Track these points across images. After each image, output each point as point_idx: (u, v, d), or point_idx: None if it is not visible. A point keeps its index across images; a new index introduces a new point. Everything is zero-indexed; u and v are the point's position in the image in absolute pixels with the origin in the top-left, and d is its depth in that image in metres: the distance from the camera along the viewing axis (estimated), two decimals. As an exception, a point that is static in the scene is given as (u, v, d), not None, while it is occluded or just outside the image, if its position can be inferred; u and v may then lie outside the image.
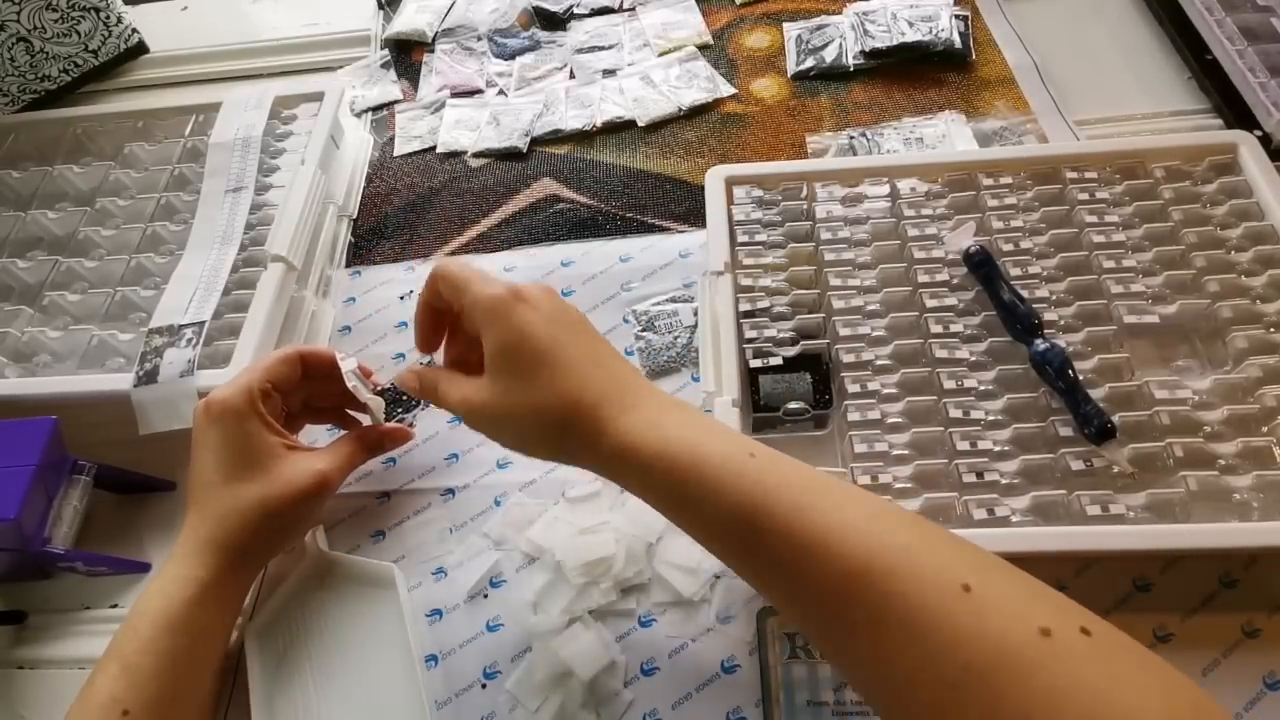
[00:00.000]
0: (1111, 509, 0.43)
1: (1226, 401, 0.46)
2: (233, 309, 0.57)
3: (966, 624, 0.29)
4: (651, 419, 0.37)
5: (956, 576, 0.30)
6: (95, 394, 0.53)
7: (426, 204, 0.69)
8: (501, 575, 0.49)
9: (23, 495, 0.45)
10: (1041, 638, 0.28)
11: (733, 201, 0.58)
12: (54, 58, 0.79)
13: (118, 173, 0.67)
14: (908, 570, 0.30)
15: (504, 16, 0.83)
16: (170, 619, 0.41)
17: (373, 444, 0.51)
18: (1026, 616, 0.29)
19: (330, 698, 0.44)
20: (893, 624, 0.30)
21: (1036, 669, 0.28)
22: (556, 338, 0.38)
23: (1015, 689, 0.27)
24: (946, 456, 0.46)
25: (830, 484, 0.34)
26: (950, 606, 0.29)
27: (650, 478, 0.36)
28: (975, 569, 0.31)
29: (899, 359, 0.50)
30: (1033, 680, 0.27)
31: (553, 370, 0.38)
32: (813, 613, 0.33)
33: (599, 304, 0.60)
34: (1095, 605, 0.43)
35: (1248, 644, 0.42)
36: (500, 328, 0.39)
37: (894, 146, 0.66)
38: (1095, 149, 0.58)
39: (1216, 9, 0.67)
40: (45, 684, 0.48)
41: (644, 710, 0.43)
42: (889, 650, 0.30)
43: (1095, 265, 0.52)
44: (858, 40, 0.74)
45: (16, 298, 0.61)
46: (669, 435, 0.36)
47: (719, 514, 0.34)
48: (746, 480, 0.34)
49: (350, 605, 0.47)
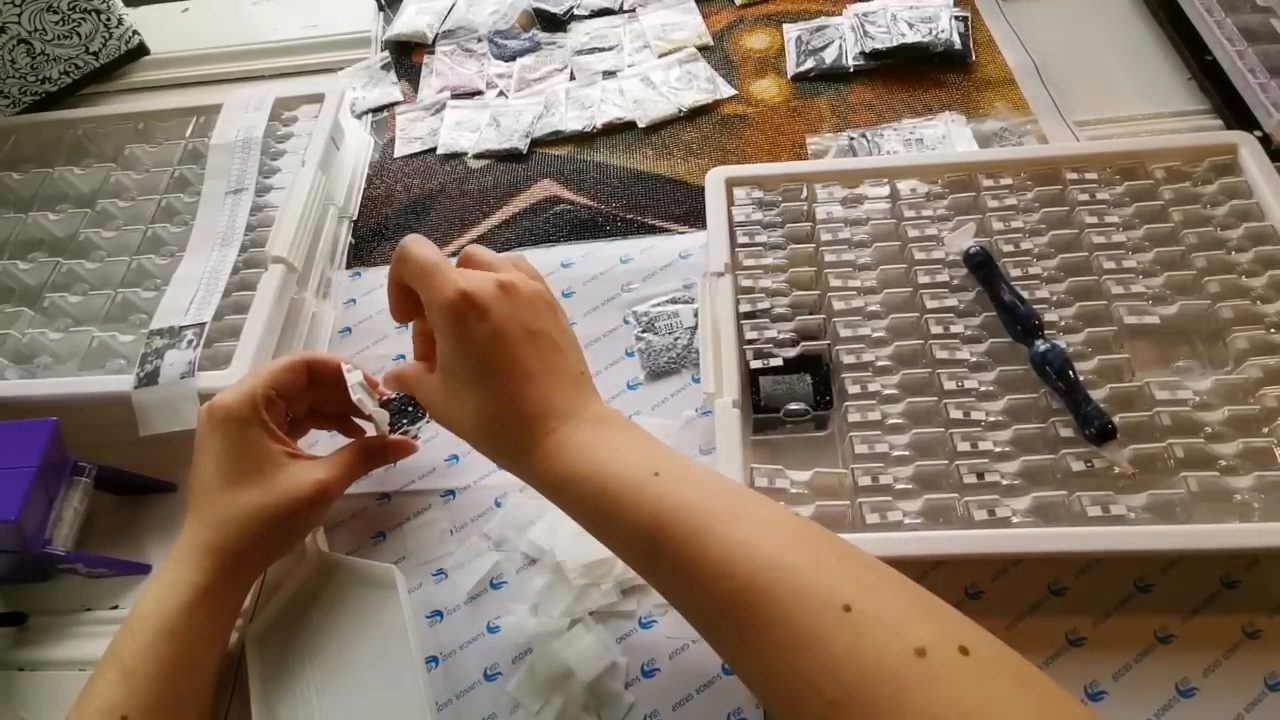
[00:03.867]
0: (1112, 510, 0.43)
1: (1227, 402, 0.46)
2: (233, 310, 0.57)
3: (844, 644, 0.29)
4: (573, 439, 0.38)
5: (839, 596, 0.30)
6: (96, 395, 0.53)
7: (427, 205, 0.69)
8: (502, 576, 0.49)
9: (23, 496, 0.45)
10: (916, 658, 0.28)
11: (733, 203, 0.58)
12: (55, 59, 0.79)
13: (118, 174, 0.67)
14: (789, 590, 0.31)
15: (504, 18, 0.83)
16: (168, 624, 0.40)
17: (375, 455, 0.51)
18: (904, 636, 0.29)
19: (331, 699, 0.44)
20: (776, 643, 0.31)
21: (910, 688, 0.28)
22: (499, 353, 0.39)
23: (889, 709, 0.28)
24: (947, 457, 0.46)
25: (730, 501, 0.35)
26: (828, 627, 0.30)
27: (565, 498, 0.38)
28: (861, 588, 0.31)
29: (899, 360, 0.50)
30: (906, 699, 0.28)
31: (490, 384, 0.39)
32: (708, 629, 0.34)
33: (599, 305, 0.60)
34: (1096, 606, 0.44)
35: (1249, 645, 0.42)
36: (448, 335, 0.39)
37: (894, 147, 0.66)
38: (1095, 150, 0.58)
39: (1216, 10, 0.67)
40: (46, 685, 0.48)
41: (645, 711, 0.43)
42: (773, 668, 0.31)
43: (1096, 266, 0.52)
44: (858, 41, 0.74)
45: (17, 299, 0.61)
46: (582, 457, 0.37)
47: (624, 532, 0.36)
48: (646, 501, 0.35)
49: (351, 607, 0.47)
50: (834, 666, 0.29)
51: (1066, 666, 0.42)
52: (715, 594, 0.32)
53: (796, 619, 0.30)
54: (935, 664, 0.28)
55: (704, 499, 0.35)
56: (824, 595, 0.31)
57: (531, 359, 0.39)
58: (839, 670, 0.29)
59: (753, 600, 0.31)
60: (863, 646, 0.29)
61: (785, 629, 0.30)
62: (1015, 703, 0.28)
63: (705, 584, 0.33)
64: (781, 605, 0.31)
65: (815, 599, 0.31)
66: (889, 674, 0.28)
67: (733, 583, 0.32)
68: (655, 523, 0.34)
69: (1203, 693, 0.41)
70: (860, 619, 0.30)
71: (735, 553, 0.32)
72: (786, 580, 0.31)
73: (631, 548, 0.36)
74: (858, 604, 0.30)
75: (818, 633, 0.30)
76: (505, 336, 0.39)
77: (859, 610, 0.30)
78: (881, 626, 0.30)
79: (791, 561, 0.32)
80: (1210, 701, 0.41)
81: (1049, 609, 0.44)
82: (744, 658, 0.32)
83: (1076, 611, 0.44)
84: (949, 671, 0.28)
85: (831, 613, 0.30)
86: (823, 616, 0.30)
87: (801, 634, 0.30)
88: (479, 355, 0.39)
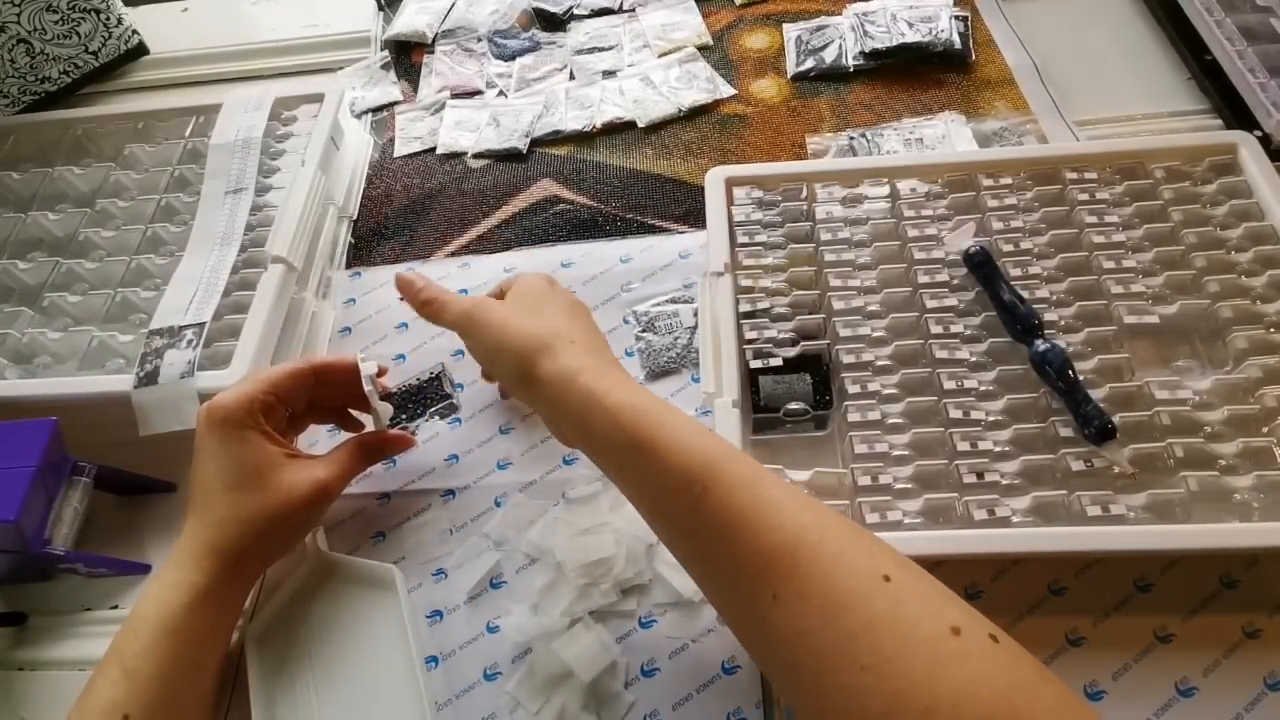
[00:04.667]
0: (1112, 509, 0.43)
1: (1227, 402, 0.46)
2: (233, 310, 0.57)
3: (883, 610, 0.30)
4: (625, 380, 0.40)
5: (878, 566, 0.31)
6: (95, 395, 0.53)
7: (427, 205, 0.69)
8: (502, 576, 0.49)
9: (23, 496, 0.45)
10: (952, 635, 0.29)
11: (733, 202, 0.58)
12: (54, 59, 0.79)
13: (118, 174, 0.67)
14: (835, 552, 0.32)
15: (504, 17, 0.83)
16: (169, 623, 0.41)
17: (373, 450, 0.51)
18: (940, 613, 0.30)
19: (331, 699, 0.44)
20: (814, 599, 0.31)
21: (945, 661, 0.29)
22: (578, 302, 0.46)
23: (923, 678, 0.28)
24: (947, 457, 0.46)
25: (773, 474, 0.36)
26: (871, 591, 0.30)
27: (614, 420, 0.38)
28: (896, 564, 0.32)
29: (899, 360, 0.50)
30: (940, 672, 0.28)
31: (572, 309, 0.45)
32: (740, 582, 0.34)
33: (599, 305, 0.60)
34: (1096, 605, 0.44)
35: (1248, 644, 0.42)
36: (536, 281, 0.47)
37: (894, 147, 0.66)
38: (1095, 149, 0.58)
39: (1216, 9, 0.67)
40: (46, 685, 0.48)
41: (645, 711, 0.43)
42: (808, 625, 0.31)
43: (1095, 266, 0.52)
44: (857, 41, 0.74)
45: (17, 299, 0.61)
46: (638, 392, 0.39)
47: (673, 466, 0.35)
48: (704, 444, 0.36)
49: (350, 607, 0.47)
50: (871, 629, 0.29)
51: (1066, 666, 0.42)
52: (759, 544, 0.33)
53: (840, 579, 0.31)
54: (969, 643, 0.29)
55: (747, 458, 0.36)
56: (867, 562, 0.32)
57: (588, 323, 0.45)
58: (876, 633, 0.29)
59: (798, 555, 0.32)
60: (902, 615, 0.30)
61: (826, 586, 0.31)
62: (1041, 691, 0.29)
63: (749, 532, 0.33)
64: (827, 563, 0.31)
65: (859, 564, 0.31)
66: (925, 645, 0.29)
67: (779, 535, 0.32)
68: (711, 462, 0.35)
69: (1202, 692, 0.41)
70: (899, 590, 0.31)
71: (787, 507, 0.33)
72: (834, 541, 0.32)
73: (676, 486, 0.35)
74: (896, 576, 0.31)
75: (860, 593, 0.30)
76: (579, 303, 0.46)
77: (898, 582, 0.31)
78: (920, 599, 0.31)
79: (836, 526, 0.33)
80: (1210, 701, 0.41)
81: (1049, 609, 0.44)
82: (775, 615, 0.32)
83: (1076, 611, 0.44)
84: (982, 652, 0.29)
85: (874, 580, 0.31)
86: (866, 580, 0.31)
87: (843, 593, 0.31)
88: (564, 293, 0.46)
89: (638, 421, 0.37)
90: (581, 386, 0.39)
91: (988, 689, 0.28)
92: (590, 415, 0.38)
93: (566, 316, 0.44)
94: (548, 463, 0.53)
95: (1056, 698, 0.29)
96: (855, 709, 0.29)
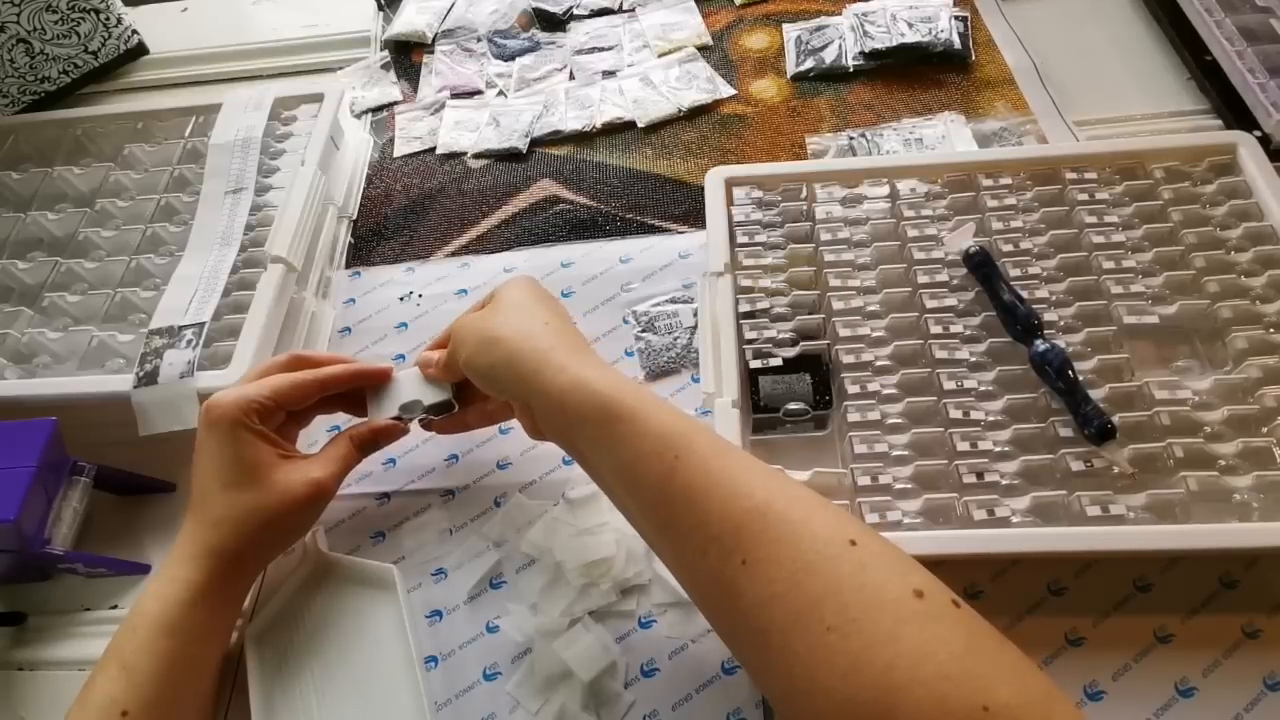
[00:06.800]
0: (1112, 509, 0.43)
1: (1226, 402, 0.46)
2: (233, 310, 0.57)
3: (849, 572, 0.31)
4: (600, 363, 0.42)
5: (844, 531, 0.33)
6: (95, 395, 0.53)
7: (426, 205, 0.69)
8: (501, 576, 0.49)
9: (22, 496, 0.45)
10: (915, 598, 0.30)
11: (732, 202, 0.58)
12: (54, 59, 0.79)
13: (117, 174, 0.67)
14: (802, 516, 0.33)
15: (504, 17, 0.83)
16: (168, 621, 0.41)
17: (366, 443, 0.50)
18: (904, 576, 0.32)
19: (330, 699, 0.44)
20: (784, 563, 0.32)
21: (908, 621, 0.30)
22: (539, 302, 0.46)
23: (886, 637, 0.29)
24: (946, 457, 0.46)
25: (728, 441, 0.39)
26: (838, 554, 0.32)
27: (589, 391, 0.39)
28: (860, 530, 0.33)
29: (899, 360, 0.50)
30: (903, 631, 0.29)
31: (556, 309, 0.46)
32: (712, 548, 0.34)
33: (599, 305, 0.60)
34: (1096, 605, 0.44)
35: (1248, 645, 0.42)
36: (521, 283, 0.47)
37: (894, 147, 0.66)
38: (1095, 150, 0.58)
39: (1216, 10, 0.67)
40: (45, 685, 0.48)
41: (644, 711, 0.43)
42: (777, 589, 0.32)
43: (1095, 266, 0.53)
44: (857, 41, 0.74)
45: (16, 299, 0.61)
46: (613, 370, 0.41)
47: (647, 434, 0.37)
48: (676, 418, 0.38)
49: (350, 606, 0.47)
50: (838, 589, 0.31)
51: (1066, 666, 0.42)
52: (730, 511, 0.34)
53: (807, 542, 0.32)
54: (931, 606, 0.30)
55: (721, 436, 0.38)
56: (834, 527, 0.33)
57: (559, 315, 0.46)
58: (842, 594, 0.31)
59: (768, 520, 0.33)
60: (867, 576, 0.31)
61: (795, 551, 0.32)
62: (999, 658, 0.30)
63: (720, 499, 0.34)
64: (795, 527, 0.33)
65: (826, 529, 0.33)
66: (889, 605, 0.30)
67: (749, 501, 0.34)
68: (685, 431, 0.37)
69: (1202, 692, 0.41)
70: (865, 554, 0.32)
71: (756, 476, 0.35)
72: (801, 507, 0.34)
73: (651, 452, 0.37)
74: (862, 540, 0.32)
75: (828, 556, 0.32)
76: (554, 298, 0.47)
77: (863, 546, 0.32)
78: (884, 563, 0.32)
79: (802, 494, 0.35)
80: (1209, 701, 0.41)
81: (1048, 609, 0.44)
82: (745, 580, 0.33)
83: (1076, 611, 0.44)
84: (943, 614, 0.30)
85: (841, 543, 0.32)
86: (833, 544, 0.32)
87: (811, 556, 0.32)
88: (547, 294, 0.47)
89: (613, 394, 0.38)
90: (555, 363, 0.41)
91: (946, 650, 0.29)
92: (566, 393, 0.39)
93: (542, 308, 0.45)
94: (548, 463, 0.53)
95: (1012, 663, 0.30)
96: (821, 668, 0.30)
